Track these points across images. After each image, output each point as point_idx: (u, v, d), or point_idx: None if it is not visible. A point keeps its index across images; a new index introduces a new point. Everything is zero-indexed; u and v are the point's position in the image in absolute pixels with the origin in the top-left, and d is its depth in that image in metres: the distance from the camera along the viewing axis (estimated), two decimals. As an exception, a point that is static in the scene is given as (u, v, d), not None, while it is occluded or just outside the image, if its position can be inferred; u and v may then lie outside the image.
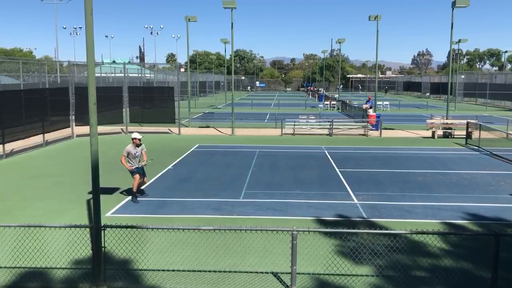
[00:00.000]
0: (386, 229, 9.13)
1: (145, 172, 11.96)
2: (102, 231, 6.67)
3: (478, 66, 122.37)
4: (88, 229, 8.37)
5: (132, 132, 12.31)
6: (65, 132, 22.84)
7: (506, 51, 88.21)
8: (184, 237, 8.27)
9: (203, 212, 10.74)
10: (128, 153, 11.51)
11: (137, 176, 11.51)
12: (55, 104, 21.46)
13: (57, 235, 8.00)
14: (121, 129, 25.97)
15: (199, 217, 10.33)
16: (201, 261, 7.68)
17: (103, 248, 6.70)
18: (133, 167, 11.48)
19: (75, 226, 6.90)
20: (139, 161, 11.72)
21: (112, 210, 10.77)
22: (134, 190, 11.59)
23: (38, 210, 10.90)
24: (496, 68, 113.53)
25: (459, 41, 49.92)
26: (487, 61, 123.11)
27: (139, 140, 11.63)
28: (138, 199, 11.65)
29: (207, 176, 14.57)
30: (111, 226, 6.73)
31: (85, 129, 20.05)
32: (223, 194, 12.34)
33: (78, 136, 23.14)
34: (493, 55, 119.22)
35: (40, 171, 15.43)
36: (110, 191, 12.37)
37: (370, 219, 10.24)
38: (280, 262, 7.62)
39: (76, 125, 23.37)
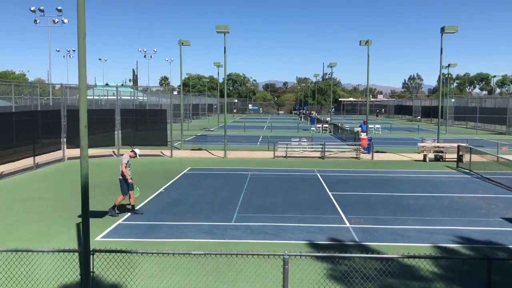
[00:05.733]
0: (378, 253, 9.08)
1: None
2: (91, 256, 6.57)
3: (468, 90, 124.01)
4: (77, 254, 8.23)
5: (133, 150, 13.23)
6: (56, 154, 22.69)
7: (494, 76, 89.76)
8: (174, 261, 8.16)
9: (195, 236, 10.63)
10: (127, 162, 12.43)
11: (130, 193, 12.39)
12: (46, 127, 21.38)
13: (45, 259, 7.87)
14: (113, 151, 25.85)
15: (190, 241, 10.22)
16: (191, 286, 7.56)
17: (92, 273, 6.58)
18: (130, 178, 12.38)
19: (64, 251, 6.79)
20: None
21: (101, 234, 10.64)
22: (117, 203, 12.41)
23: (26, 234, 10.74)
24: (486, 92, 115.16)
25: (449, 65, 50.69)
26: (477, 85, 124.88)
27: (135, 157, 12.93)
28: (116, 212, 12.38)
29: (199, 199, 14.48)
30: (100, 251, 6.62)
31: (77, 152, 19.96)
32: (214, 217, 12.25)
33: (69, 158, 22.99)
34: (483, 79, 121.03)
35: (29, 194, 15.26)
36: (100, 214, 12.23)
37: (362, 243, 10.19)
38: (272, 287, 7.52)
39: (67, 148, 23.23)
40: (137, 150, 13.03)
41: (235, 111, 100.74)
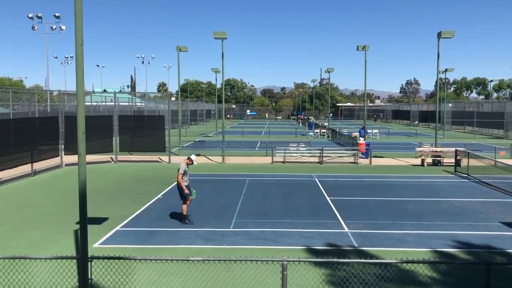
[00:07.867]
0: (377, 258, 9.06)
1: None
2: (89, 263, 6.55)
3: (465, 95, 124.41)
4: (75, 261, 8.21)
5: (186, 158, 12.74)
6: (54, 161, 22.64)
7: (491, 80, 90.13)
8: (172, 268, 8.14)
9: (193, 242, 10.61)
10: (185, 171, 12.14)
11: (190, 198, 12.24)
12: (44, 133, 21.35)
13: (42, 267, 7.84)
14: (111, 158, 25.81)
15: (188, 247, 10.20)
16: (190, 293, 7.52)
17: (90, 280, 6.56)
18: (187, 185, 12.15)
19: (61, 258, 6.77)
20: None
21: (100, 241, 10.60)
22: (185, 213, 12.16)
23: (24, 241, 10.69)
24: (483, 97, 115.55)
25: (446, 70, 50.90)
26: (474, 90, 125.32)
27: (192, 163, 12.45)
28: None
29: (197, 205, 14.44)
30: (98, 258, 6.61)
31: (75, 158, 19.95)
32: (213, 223, 12.23)
33: (67, 165, 22.93)
34: (480, 84, 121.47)
35: (27, 200, 15.21)
36: (98, 221, 12.20)
37: (360, 248, 10.19)
38: (270, 293, 7.49)
39: (65, 154, 23.19)
40: (193, 157, 12.51)
41: (228, 116, 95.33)
